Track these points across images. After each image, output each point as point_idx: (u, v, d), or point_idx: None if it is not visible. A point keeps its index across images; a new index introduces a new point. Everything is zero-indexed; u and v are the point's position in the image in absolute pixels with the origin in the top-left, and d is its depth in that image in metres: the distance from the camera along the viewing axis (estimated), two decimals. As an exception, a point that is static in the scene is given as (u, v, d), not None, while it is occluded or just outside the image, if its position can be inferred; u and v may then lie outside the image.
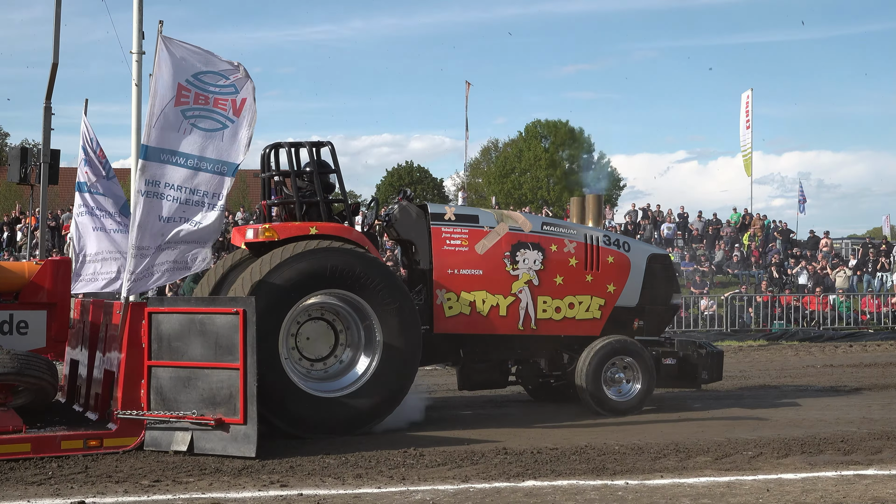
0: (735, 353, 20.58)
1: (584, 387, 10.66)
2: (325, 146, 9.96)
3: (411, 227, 10.50)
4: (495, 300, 10.41)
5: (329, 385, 9.37)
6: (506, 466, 7.81)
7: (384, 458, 8.10)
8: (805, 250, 31.72)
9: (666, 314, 11.55)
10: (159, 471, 7.50)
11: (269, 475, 7.42)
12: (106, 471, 7.48)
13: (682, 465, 7.88)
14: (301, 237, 9.39)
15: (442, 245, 10.34)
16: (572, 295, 10.77)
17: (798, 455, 8.34)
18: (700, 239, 32.91)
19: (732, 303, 24.89)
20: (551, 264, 10.68)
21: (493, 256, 10.46)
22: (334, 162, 10.00)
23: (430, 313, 10.21)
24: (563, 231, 10.89)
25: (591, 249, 10.92)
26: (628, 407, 10.75)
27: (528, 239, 10.63)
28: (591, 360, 10.63)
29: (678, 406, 11.75)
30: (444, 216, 10.44)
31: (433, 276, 10.27)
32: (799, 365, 17.76)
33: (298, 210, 9.80)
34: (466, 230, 10.43)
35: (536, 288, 10.59)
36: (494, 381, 11.06)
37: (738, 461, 8.06)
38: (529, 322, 10.56)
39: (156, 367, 8.24)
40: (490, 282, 10.41)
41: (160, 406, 8.20)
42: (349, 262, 9.27)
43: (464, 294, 10.30)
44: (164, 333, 8.26)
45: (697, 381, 11.31)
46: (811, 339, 23.22)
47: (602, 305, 10.92)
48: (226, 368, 8.03)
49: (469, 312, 10.31)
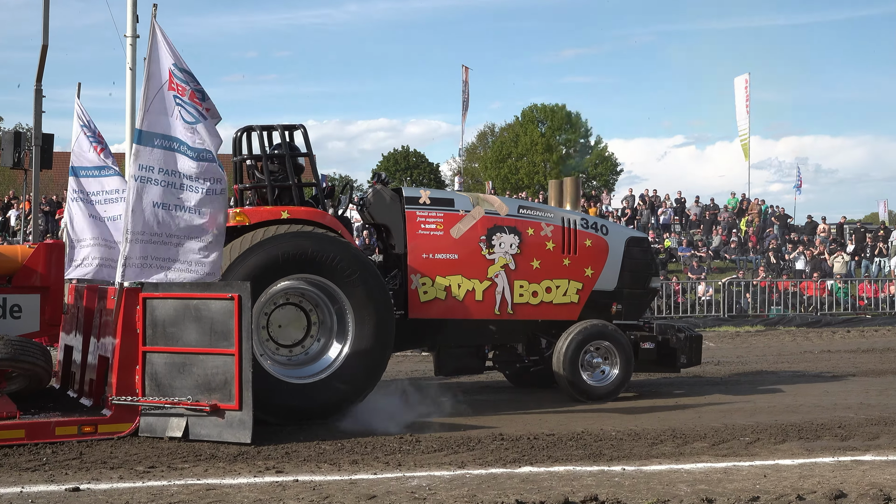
0: (732, 338, 20.61)
1: (561, 372, 10.61)
2: (297, 129, 9.90)
3: (385, 211, 10.42)
4: (471, 285, 10.37)
5: (301, 371, 9.31)
6: (502, 452, 7.82)
7: (380, 444, 8.11)
8: (802, 235, 31.74)
9: (644, 298, 11.51)
10: (154, 457, 7.49)
11: (265, 461, 7.42)
12: (101, 457, 7.47)
13: (679, 451, 7.89)
14: (273, 221, 9.32)
15: (417, 229, 10.27)
16: (549, 279, 10.73)
17: (795, 441, 8.35)
18: (697, 224, 32.93)
19: (730, 288, 24.92)
20: (528, 248, 10.63)
21: (469, 240, 10.41)
22: (307, 145, 9.92)
23: (404, 298, 10.15)
24: (540, 214, 10.82)
25: (569, 233, 10.88)
26: (606, 392, 10.70)
27: (504, 223, 10.58)
28: (569, 344, 10.58)
29: (674, 392, 11.76)
30: (418, 200, 10.36)
31: (408, 261, 10.20)
32: (796, 350, 17.79)
33: (270, 194, 9.72)
34: (441, 214, 10.37)
35: (513, 272, 10.54)
36: (471, 366, 10.99)
37: (734, 447, 8.07)
38: (506, 307, 10.52)
39: (150, 352, 8.23)
40: (466, 266, 10.36)
41: (155, 392, 8.19)
42: (321, 247, 9.20)
43: (439, 279, 10.25)
44: (159, 319, 8.23)
45: (676, 365, 11.27)
46: (809, 325, 23.26)
47: (580, 290, 10.88)
48: (221, 354, 8.01)
49: (444, 297, 10.26)
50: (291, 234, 9.18)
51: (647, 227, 31.82)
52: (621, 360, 10.74)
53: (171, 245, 8.32)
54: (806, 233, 32.17)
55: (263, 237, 9.10)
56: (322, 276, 9.27)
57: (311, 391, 9.15)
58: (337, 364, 9.32)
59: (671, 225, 33.20)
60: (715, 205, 34.82)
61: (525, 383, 11.90)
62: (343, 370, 9.28)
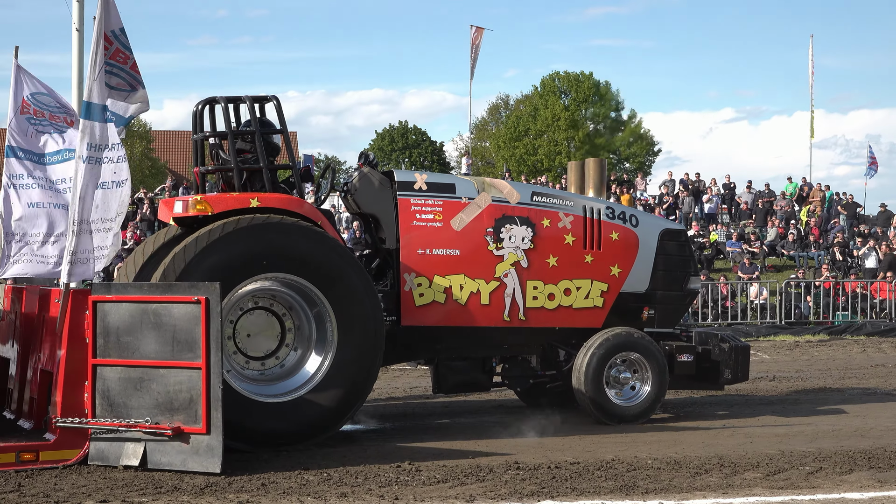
0: (791, 349, 20.62)
1: (582, 389, 10.62)
2: (269, 101, 9.92)
3: (374, 199, 10.41)
4: (475, 286, 10.38)
5: (275, 388, 9.33)
6: (518, 484, 7.83)
7: (373, 474, 8.13)
8: (874, 227, 31.72)
9: (681, 301, 11.52)
10: (106, 489, 7.51)
11: (237, 494, 7.45)
12: (43, 489, 7.50)
13: (727, 483, 7.90)
14: (240, 211, 9.32)
15: (411, 220, 10.26)
16: (568, 279, 10.73)
17: (865, 471, 8.37)
18: (749, 214, 32.93)
19: (788, 290, 24.92)
20: (543, 242, 10.64)
21: (473, 233, 10.41)
22: (280, 120, 9.93)
23: (397, 302, 10.17)
24: (558, 203, 10.82)
25: (592, 224, 10.87)
26: (636, 413, 10.70)
27: (514, 212, 10.58)
28: (591, 357, 10.59)
29: (721, 413, 11.77)
30: (413, 185, 10.36)
31: (400, 258, 10.20)
32: (866, 364, 17.79)
33: (237, 178, 9.73)
34: (441, 202, 10.37)
35: (525, 271, 10.55)
36: (476, 382, 11.01)
37: (793, 478, 8.09)
38: (517, 312, 10.53)
39: (102, 366, 8.25)
40: (469, 264, 10.36)
41: (107, 413, 8.22)
42: (296, 241, 9.22)
43: (437, 279, 10.26)
44: (112, 326, 8.26)
45: (719, 381, 11.28)
46: (881, 333, 23.25)
47: (604, 291, 10.89)
48: (185, 368, 8.03)
49: (444, 301, 10.28)
50: (260, 225, 9.18)
51: (689, 217, 31.83)
52: (654, 374, 10.74)
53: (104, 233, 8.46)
54: (879, 224, 32.15)
55: (227, 230, 9.08)
56: (297, 276, 9.28)
57: (288, 411, 9.16)
58: (317, 378, 9.34)
59: (718, 215, 33.19)
60: (770, 191, 34.83)
61: (540, 402, 11.93)
62: (324, 386, 9.29)
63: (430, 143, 67.00)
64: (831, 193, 34.58)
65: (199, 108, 10.10)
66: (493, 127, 62.97)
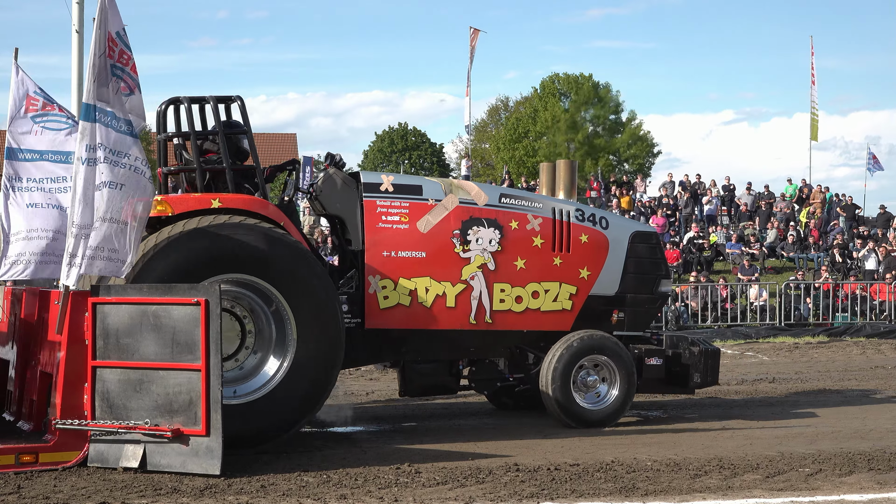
0: (790, 351, 20.62)
1: (549, 393, 10.54)
2: (233, 102, 9.90)
3: (339, 200, 10.35)
4: (441, 288, 10.32)
5: (232, 390, 9.22)
6: (517, 486, 7.83)
7: (373, 476, 8.13)
8: (874, 229, 31.72)
9: (652, 305, 11.44)
10: (106, 491, 7.51)
11: (237, 496, 7.45)
12: (42, 491, 7.50)
13: (727, 485, 7.90)
14: (201, 211, 9.25)
15: (376, 221, 10.20)
16: (536, 282, 10.67)
17: (864, 472, 8.36)
18: (749, 216, 32.92)
19: (787, 292, 24.91)
20: (511, 245, 10.58)
21: (440, 235, 10.35)
22: (244, 121, 9.89)
23: (361, 304, 10.11)
24: (526, 204, 10.75)
25: (561, 226, 10.81)
26: (603, 417, 10.64)
27: (482, 214, 10.52)
28: (558, 360, 10.52)
29: (720, 414, 11.77)
30: (379, 187, 10.29)
31: (365, 260, 10.15)
32: (866, 366, 17.79)
33: (200, 179, 9.66)
34: (407, 203, 10.31)
35: (492, 273, 10.49)
36: (442, 385, 10.94)
37: (792, 479, 8.09)
38: (484, 315, 10.48)
39: (101, 367, 8.25)
40: (435, 266, 10.31)
41: (107, 414, 8.22)
42: (256, 242, 9.13)
43: (403, 281, 10.20)
44: (112, 328, 8.26)
45: (689, 384, 11.19)
46: (881, 335, 23.24)
47: (573, 294, 10.84)
48: (185, 370, 8.04)
49: (409, 303, 10.22)
50: (216, 226, 9.09)
51: (689, 218, 31.84)
52: (622, 378, 10.67)
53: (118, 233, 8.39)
54: (878, 226, 32.14)
55: (184, 230, 9.00)
56: (256, 277, 9.21)
57: (245, 413, 9.06)
58: (276, 380, 9.25)
59: (718, 216, 33.19)
60: (770, 193, 34.82)
61: (507, 405, 11.87)
62: (283, 387, 9.21)
63: (429, 145, 66.97)
64: (831, 195, 34.57)
65: (162, 108, 10.03)
66: (492, 129, 62.95)
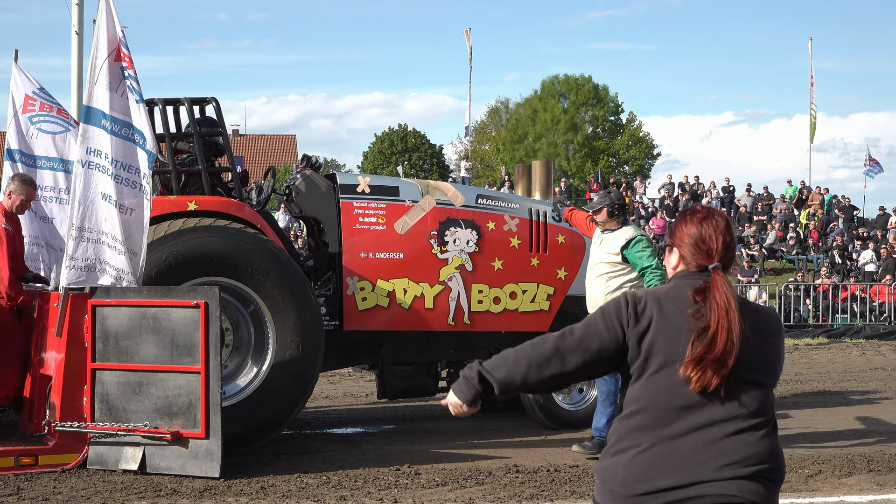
0: (790, 352, 20.60)
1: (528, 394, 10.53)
2: (208, 103, 9.90)
3: (316, 202, 10.29)
4: (419, 290, 10.27)
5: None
6: (517, 487, 7.84)
7: (372, 477, 8.13)
8: (874, 230, 31.74)
9: None
10: (105, 493, 7.52)
11: (236, 497, 7.45)
12: (42, 493, 7.50)
13: (726, 486, 7.88)
14: (176, 214, 9.22)
15: (353, 223, 10.14)
16: (514, 282, 10.62)
17: (864, 474, 8.38)
18: (749, 217, 32.94)
19: (787, 293, 24.92)
20: (488, 246, 10.53)
21: (417, 237, 10.30)
22: (219, 122, 9.88)
23: (339, 306, 10.06)
24: (503, 206, 10.71)
25: (538, 227, 10.75)
26: (585, 417, 10.52)
27: (459, 215, 10.47)
28: None
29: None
30: (356, 188, 10.23)
31: (343, 262, 10.09)
32: (866, 367, 17.78)
33: (175, 181, 9.61)
34: (384, 205, 10.25)
35: (470, 274, 10.44)
36: (421, 387, 10.85)
37: (792, 481, 8.09)
38: (462, 316, 10.42)
39: (101, 370, 8.25)
40: (413, 267, 10.25)
41: (106, 417, 8.22)
42: (232, 244, 9.08)
43: (381, 283, 10.15)
44: (111, 330, 8.26)
45: None
46: (881, 337, 23.23)
47: (551, 295, 10.79)
48: (184, 372, 8.04)
49: (387, 305, 10.17)
50: (189, 229, 9.04)
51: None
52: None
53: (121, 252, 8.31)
54: (877, 227, 32.16)
55: (167, 231, 8.97)
56: (234, 280, 9.15)
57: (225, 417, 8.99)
58: (255, 385, 9.19)
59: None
60: (769, 194, 34.86)
61: (486, 407, 11.80)
62: (262, 391, 9.17)
63: (429, 147, 67.02)
64: (830, 196, 34.60)
65: None
66: (492, 130, 63.01)
